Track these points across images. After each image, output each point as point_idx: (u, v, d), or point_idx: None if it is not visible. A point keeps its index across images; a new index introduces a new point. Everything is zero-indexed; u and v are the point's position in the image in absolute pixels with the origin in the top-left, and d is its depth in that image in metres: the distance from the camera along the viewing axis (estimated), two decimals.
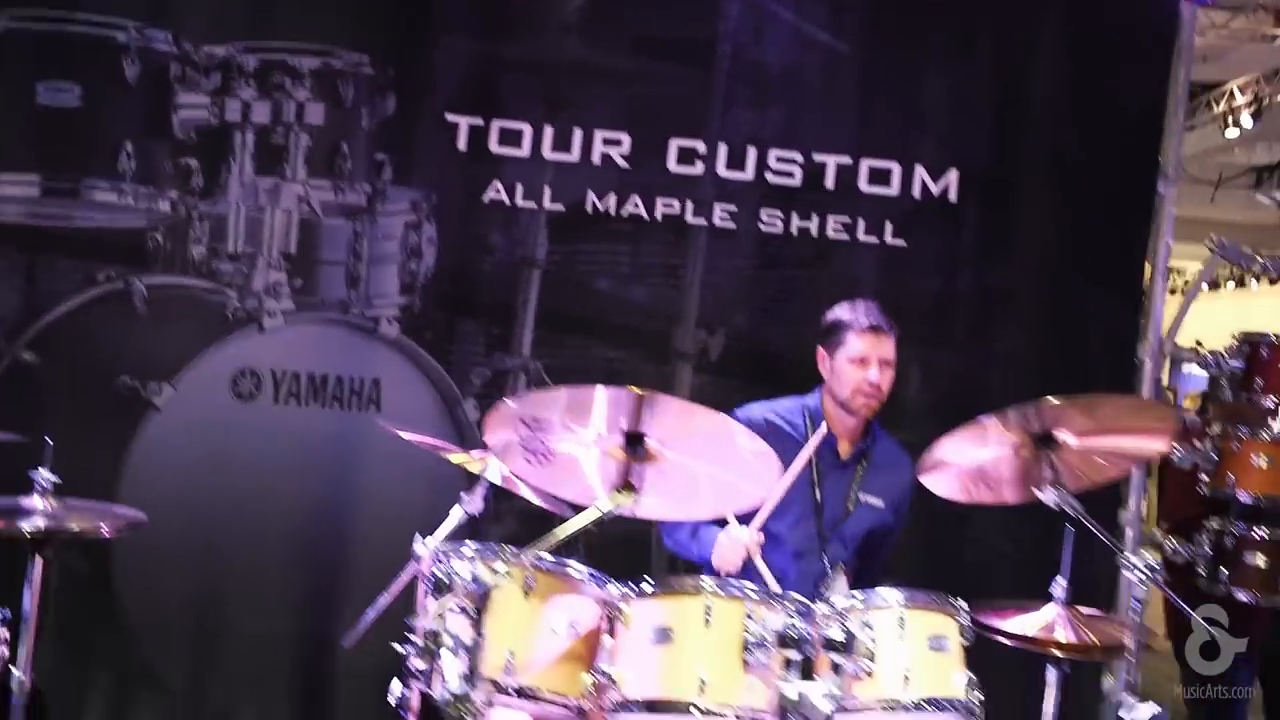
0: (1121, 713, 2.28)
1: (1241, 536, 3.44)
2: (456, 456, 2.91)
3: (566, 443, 2.34)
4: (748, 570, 2.74)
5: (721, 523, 2.83)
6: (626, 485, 2.25)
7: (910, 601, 2.32)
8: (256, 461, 3.59)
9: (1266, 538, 3.40)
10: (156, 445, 3.56)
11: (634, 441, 2.28)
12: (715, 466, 2.38)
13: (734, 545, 2.74)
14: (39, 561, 2.58)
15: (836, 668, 2.19)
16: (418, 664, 2.28)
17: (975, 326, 3.60)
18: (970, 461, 2.52)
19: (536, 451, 2.33)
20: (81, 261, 3.51)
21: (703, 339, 3.60)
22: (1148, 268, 3.60)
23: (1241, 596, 3.43)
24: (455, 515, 2.83)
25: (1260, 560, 3.42)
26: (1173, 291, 4.23)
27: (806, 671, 2.22)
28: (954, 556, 3.54)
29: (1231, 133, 9.52)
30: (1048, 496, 2.36)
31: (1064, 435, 2.39)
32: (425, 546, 2.66)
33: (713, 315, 3.60)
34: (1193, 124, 8.59)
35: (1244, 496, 3.44)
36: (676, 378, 3.59)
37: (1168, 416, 2.39)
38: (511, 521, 3.37)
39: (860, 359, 2.88)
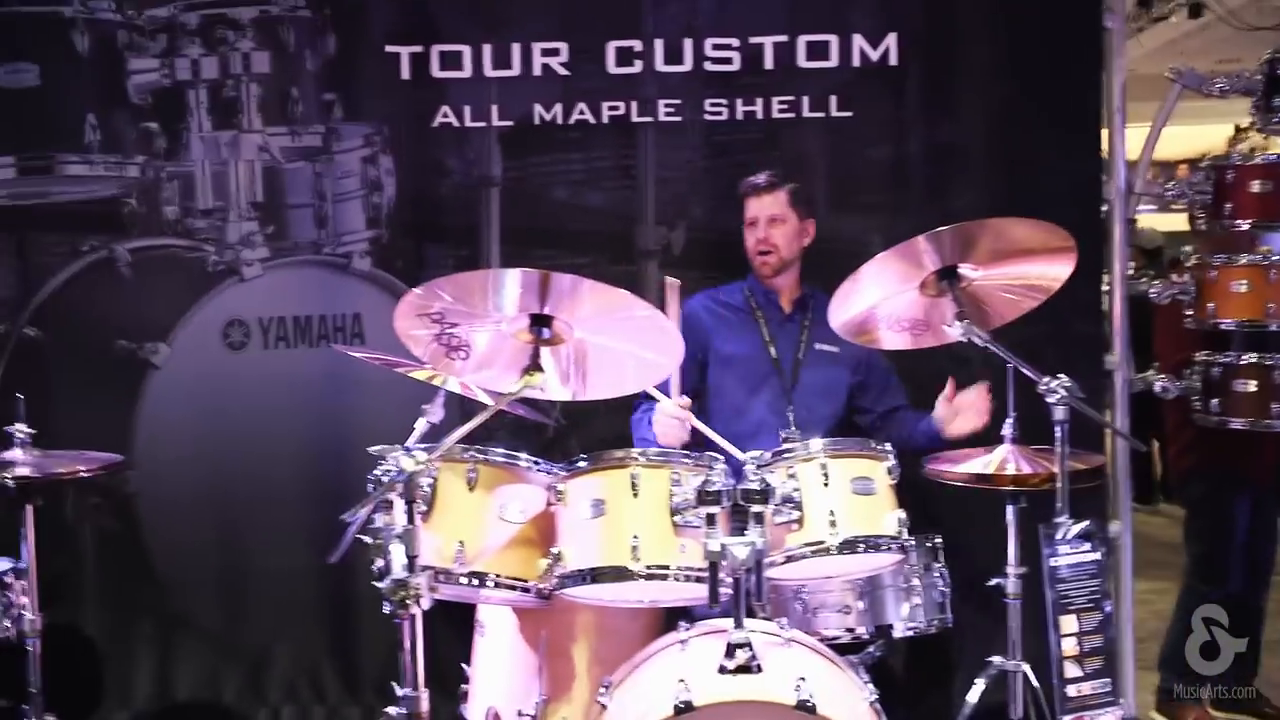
0: (1058, 534, 2.30)
1: (1228, 365, 3.41)
2: (416, 371, 3.01)
3: (477, 333, 2.41)
4: (703, 439, 2.83)
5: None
6: (534, 366, 2.32)
7: (832, 449, 2.37)
8: (257, 406, 3.71)
9: (1255, 362, 3.37)
10: (161, 402, 3.71)
11: (540, 323, 2.34)
12: (628, 343, 2.43)
13: (668, 420, 2.82)
14: (29, 510, 2.75)
15: (760, 518, 2.24)
16: (379, 561, 2.39)
17: (932, 188, 3.56)
18: (887, 309, 2.53)
19: (452, 346, 2.40)
20: (65, 235, 3.64)
21: (664, 235, 3.63)
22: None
23: (1236, 424, 3.41)
24: (420, 426, 2.94)
25: (1250, 386, 3.39)
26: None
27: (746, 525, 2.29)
28: None
29: None
30: (955, 331, 2.37)
31: (964, 268, 2.39)
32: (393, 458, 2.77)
33: (671, 210, 3.62)
34: None
35: (1227, 324, 3.41)
36: (643, 275, 3.64)
37: (1065, 237, 2.35)
38: None
39: (751, 221, 3.10)
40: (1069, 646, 2.29)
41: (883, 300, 2.54)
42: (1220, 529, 3.74)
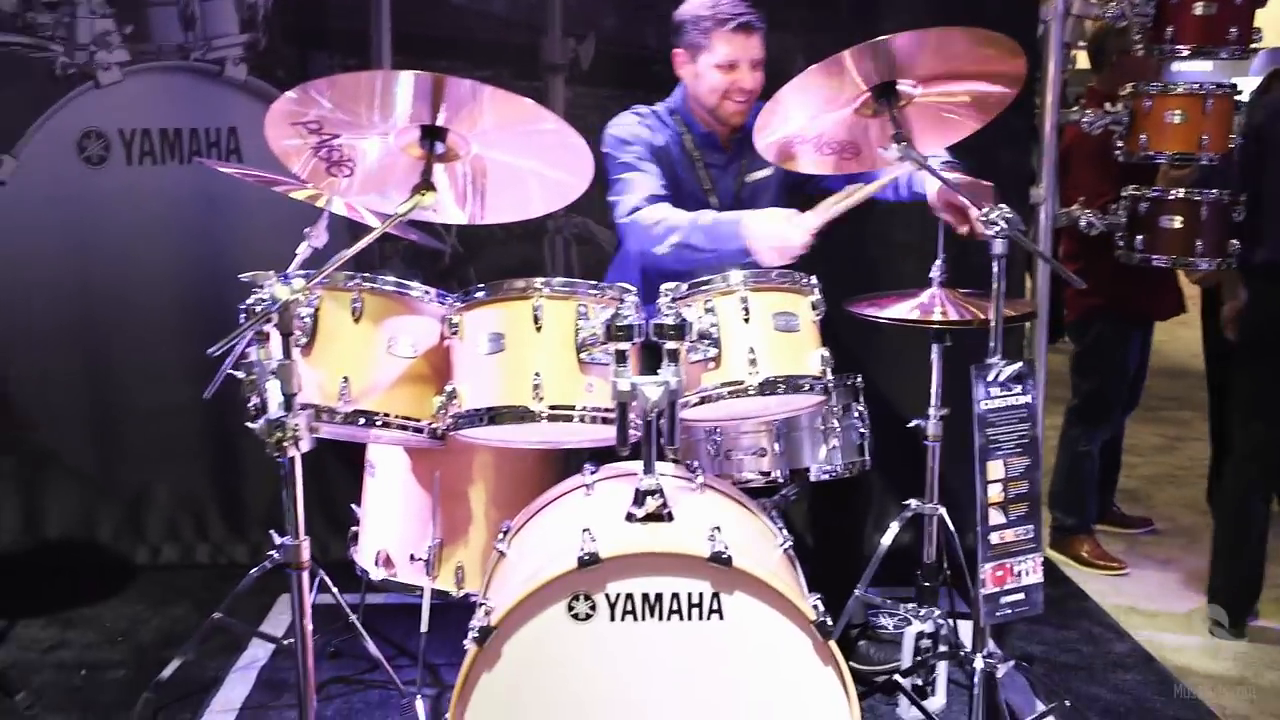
0: (989, 375, 2.16)
1: (1156, 199, 3.29)
2: (296, 190, 2.72)
3: (362, 146, 2.13)
4: None
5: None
6: (425, 185, 2.06)
7: (754, 281, 2.18)
8: (122, 228, 3.42)
9: (1182, 198, 3.25)
10: (9, 221, 3.38)
11: (432, 136, 2.08)
12: (532, 160, 2.18)
13: (800, 233, 2.35)
14: None
15: (675, 355, 2.05)
16: (253, 399, 2.15)
17: (858, 6, 3.31)
18: (815, 129, 2.31)
19: (334, 161, 2.12)
20: None
21: (572, 48, 3.34)
22: None
23: (1158, 262, 3.31)
24: (301, 251, 2.68)
25: (1176, 222, 3.28)
26: None
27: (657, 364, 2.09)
28: (859, 250, 3.36)
29: None
30: (891, 154, 2.16)
31: (903, 84, 2.17)
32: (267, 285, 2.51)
33: (580, 21, 3.33)
34: None
35: (1160, 157, 3.27)
36: (550, 91, 3.35)
37: (1015, 50, 2.12)
38: None
39: (729, 64, 2.60)
40: (994, 493, 2.17)
41: (810, 120, 2.30)
42: (1114, 365, 3.71)
